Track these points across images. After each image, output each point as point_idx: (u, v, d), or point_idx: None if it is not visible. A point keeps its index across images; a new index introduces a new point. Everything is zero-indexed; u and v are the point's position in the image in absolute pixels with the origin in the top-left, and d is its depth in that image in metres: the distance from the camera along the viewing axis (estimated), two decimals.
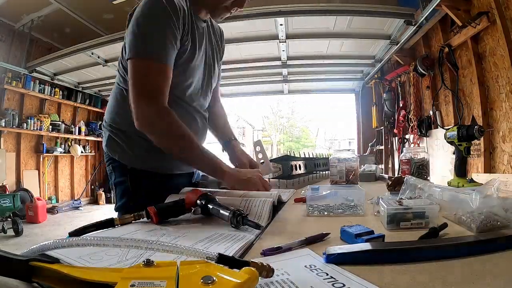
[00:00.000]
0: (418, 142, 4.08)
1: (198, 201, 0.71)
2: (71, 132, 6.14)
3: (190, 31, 0.95)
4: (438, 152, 3.61)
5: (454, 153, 1.29)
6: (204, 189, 0.91)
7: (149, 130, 0.89)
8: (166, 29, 0.87)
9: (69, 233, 0.58)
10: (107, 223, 0.62)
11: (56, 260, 0.42)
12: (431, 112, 3.81)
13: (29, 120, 5.24)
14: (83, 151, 6.48)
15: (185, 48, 0.95)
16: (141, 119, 0.88)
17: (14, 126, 4.99)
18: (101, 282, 0.30)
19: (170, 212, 0.71)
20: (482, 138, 2.60)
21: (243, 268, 0.31)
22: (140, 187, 0.99)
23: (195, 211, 0.70)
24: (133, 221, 0.67)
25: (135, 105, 0.88)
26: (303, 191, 1.02)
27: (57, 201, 5.89)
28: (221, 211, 0.66)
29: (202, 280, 0.28)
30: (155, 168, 1.01)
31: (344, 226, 0.57)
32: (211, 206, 0.69)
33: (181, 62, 0.94)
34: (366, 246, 0.47)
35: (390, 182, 1.09)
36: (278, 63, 4.65)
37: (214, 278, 0.28)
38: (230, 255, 0.45)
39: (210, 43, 1.09)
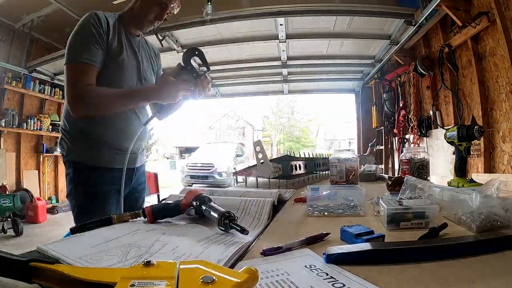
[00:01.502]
0: (418, 142, 4.08)
1: (194, 202, 0.71)
2: None
3: (117, 38, 1.13)
4: (438, 152, 3.61)
5: (454, 153, 1.29)
6: (202, 188, 0.91)
7: (84, 110, 1.07)
8: (89, 35, 1.05)
9: (71, 229, 0.59)
10: (106, 221, 0.65)
11: (56, 261, 0.42)
12: (431, 112, 3.81)
13: (29, 120, 5.23)
14: None
15: (113, 47, 1.11)
16: (73, 106, 1.06)
17: (14, 126, 4.98)
18: (101, 282, 0.30)
19: (166, 212, 0.72)
20: (482, 138, 2.60)
21: (243, 268, 0.31)
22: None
23: (188, 212, 0.71)
24: (130, 220, 0.68)
25: (67, 98, 1.06)
26: (303, 191, 1.02)
27: (57, 201, 5.88)
28: (212, 213, 0.66)
29: (201, 280, 0.28)
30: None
31: (344, 226, 0.57)
32: (204, 207, 0.69)
33: (110, 57, 1.10)
34: (366, 246, 0.47)
35: (390, 182, 1.09)
36: (278, 63, 4.65)
37: (214, 278, 0.28)
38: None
39: (145, 56, 1.28)
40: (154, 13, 1.17)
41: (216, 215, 0.63)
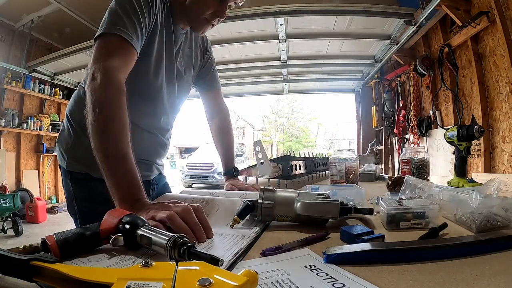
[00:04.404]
0: (418, 142, 4.08)
1: (120, 226, 0.49)
2: None
3: (159, 23, 0.90)
4: (438, 152, 3.61)
5: (454, 153, 1.28)
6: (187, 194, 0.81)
7: (92, 90, 0.70)
8: (141, 14, 0.81)
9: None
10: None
11: (56, 260, 0.42)
12: (431, 112, 3.81)
13: (29, 120, 5.23)
14: None
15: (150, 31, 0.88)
16: (96, 74, 0.71)
17: (14, 126, 4.98)
18: (98, 282, 0.30)
19: (77, 244, 0.47)
20: (482, 138, 2.60)
21: (242, 271, 0.31)
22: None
23: (114, 242, 0.47)
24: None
25: (93, 63, 0.72)
26: None
27: (57, 201, 5.88)
28: (155, 238, 0.45)
29: (198, 282, 0.28)
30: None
31: (344, 226, 0.57)
32: (140, 232, 0.47)
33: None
34: (366, 246, 0.47)
35: (390, 182, 1.09)
36: (278, 63, 4.65)
37: (211, 280, 0.28)
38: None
39: (187, 46, 1.08)
40: (211, 9, 0.93)
41: (163, 241, 0.44)
